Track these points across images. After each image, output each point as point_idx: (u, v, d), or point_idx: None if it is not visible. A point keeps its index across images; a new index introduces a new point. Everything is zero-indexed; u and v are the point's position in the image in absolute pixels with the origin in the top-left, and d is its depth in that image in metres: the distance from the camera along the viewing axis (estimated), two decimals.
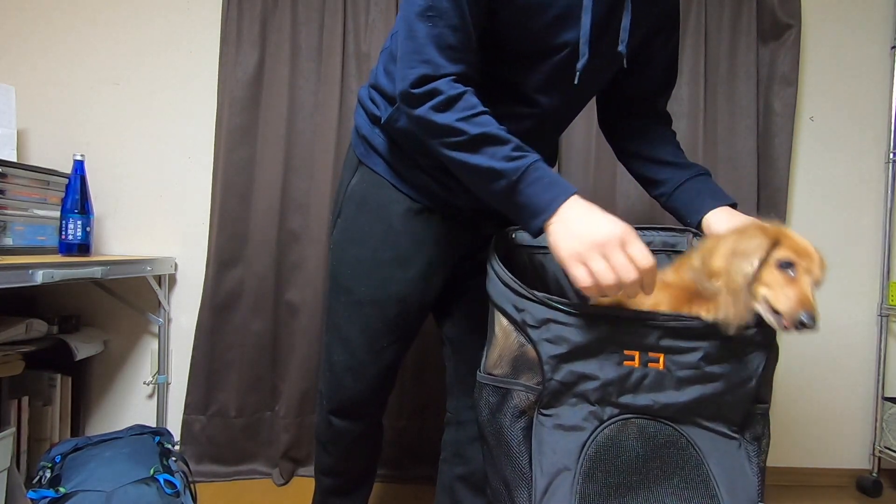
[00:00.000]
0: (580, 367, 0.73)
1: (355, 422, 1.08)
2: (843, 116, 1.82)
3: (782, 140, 1.74)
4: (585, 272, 0.69)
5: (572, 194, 0.74)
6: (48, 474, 1.14)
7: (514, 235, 0.99)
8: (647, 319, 0.72)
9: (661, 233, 0.99)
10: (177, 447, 1.34)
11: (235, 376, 1.70)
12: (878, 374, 1.80)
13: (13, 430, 1.19)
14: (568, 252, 0.71)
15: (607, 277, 0.68)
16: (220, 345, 1.69)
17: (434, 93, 0.78)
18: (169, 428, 1.62)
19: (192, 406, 1.69)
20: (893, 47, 1.80)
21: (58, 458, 1.19)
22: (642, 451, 0.72)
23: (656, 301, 0.77)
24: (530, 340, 0.75)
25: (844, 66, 1.82)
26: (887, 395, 1.80)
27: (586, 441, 0.72)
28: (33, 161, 1.69)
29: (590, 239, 0.69)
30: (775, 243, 0.74)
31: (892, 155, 1.80)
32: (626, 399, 0.72)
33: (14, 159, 1.55)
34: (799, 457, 1.83)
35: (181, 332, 1.75)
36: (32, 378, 1.50)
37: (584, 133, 1.71)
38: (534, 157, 0.77)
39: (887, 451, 1.74)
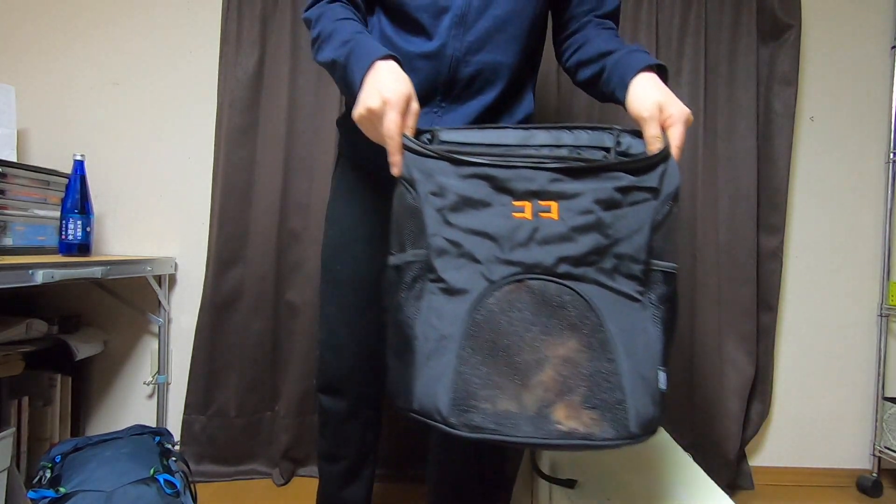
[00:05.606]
0: (465, 220, 0.69)
1: (340, 399, 1.10)
2: (843, 116, 1.82)
3: (782, 140, 1.74)
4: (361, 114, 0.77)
5: (376, 59, 0.79)
6: (48, 474, 1.14)
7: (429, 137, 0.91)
8: (535, 164, 0.68)
9: (575, 132, 0.87)
10: (177, 447, 1.34)
11: (235, 376, 1.70)
12: (878, 374, 1.80)
13: (13, 430, 1.19)
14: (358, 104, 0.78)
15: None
16: (220, 345, 1.69)
17: (313, 13, 0.91)
18: (169, 428, 1.62)
19: (192, 406, 1.69)
20: (893, 47, 1.80)
21: (58, 458, 1.19)
22: (537, 313, 0.67)
23: None
24: (416, 196, 0.71)
25: (844, 66, 1.82)
26: (887, 395, 1.80)
27: (473, 304, 0.67)
28: (33, 161, 1.69)
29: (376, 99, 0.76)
30: None
31: (892, 155, 1.80)
32: (518, 255, 0.67)
33: (14, 159, 1.55)
34: (799, 457, 1.83)
35: (181, 332, 1.75)
36: (32, 378, 1.50)
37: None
38: (358, 36, 0.84)
39: (887, 451, 1.74)
